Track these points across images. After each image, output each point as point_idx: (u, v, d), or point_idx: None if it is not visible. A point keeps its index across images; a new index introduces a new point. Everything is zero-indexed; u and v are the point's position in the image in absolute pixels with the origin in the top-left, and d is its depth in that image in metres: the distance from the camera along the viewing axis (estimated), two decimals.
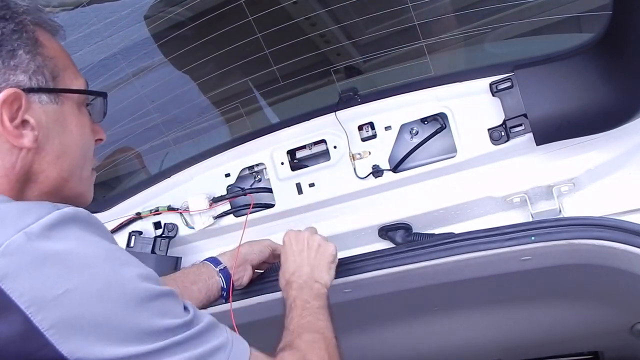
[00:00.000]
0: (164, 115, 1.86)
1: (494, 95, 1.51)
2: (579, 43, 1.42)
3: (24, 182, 0.94)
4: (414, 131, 1.66)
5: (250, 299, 1.58)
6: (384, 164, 1.64)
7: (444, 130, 1.61)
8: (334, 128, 1.67)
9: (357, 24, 1.60)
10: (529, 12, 1.50)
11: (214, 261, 1.52)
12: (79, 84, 1.01)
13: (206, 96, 1.85)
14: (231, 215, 1.81)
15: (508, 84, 1.48)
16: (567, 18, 1.51)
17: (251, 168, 1.81)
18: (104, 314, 0.79)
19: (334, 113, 1.66)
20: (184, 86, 1.82)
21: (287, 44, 1.62)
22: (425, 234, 1.66)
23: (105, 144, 1.11)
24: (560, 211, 1.51)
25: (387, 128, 1.63)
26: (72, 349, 0.77)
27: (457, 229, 1.62)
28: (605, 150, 1.46)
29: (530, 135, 1.47)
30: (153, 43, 1.76)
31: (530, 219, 1.52)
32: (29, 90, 0.92)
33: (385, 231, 1.68)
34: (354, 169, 1.65)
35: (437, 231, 1.66)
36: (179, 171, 1.87)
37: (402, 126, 1.63)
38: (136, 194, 1.92)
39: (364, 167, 1.65)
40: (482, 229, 1.45)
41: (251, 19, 1.56)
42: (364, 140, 1.66)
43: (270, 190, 1.76)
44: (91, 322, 0.78)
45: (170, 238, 1.85)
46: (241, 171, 1.80)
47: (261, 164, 1.77)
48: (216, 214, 1.81)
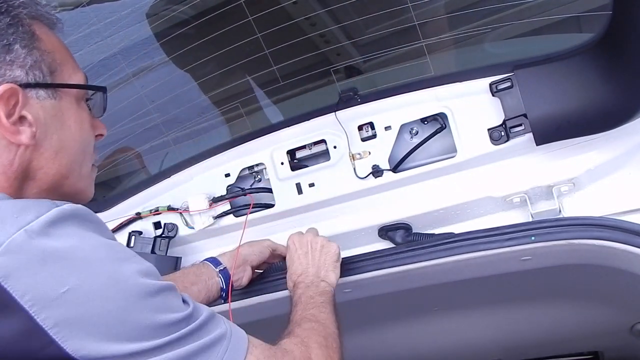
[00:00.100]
0: (164, 115, 1.85)
1: (493, 95, 1.51)
2: (579, 43, 1.42)
3: (23, 179, 0.92)
4: (414, 131, 1.66)
5: (249, 299, 1.59)
6: (384, 164, 1.64)
7: (443, 130, 1.60)
8: (334, 128, 1.67)
9: (357, 24, 1.60)
10: (529, 12, 1.50)
11: (214, 262, 1.52)
12: (77, 79, 0.99)
13: (206, 96, 1.85)
14: (231, 215, 1.81)
15: (508, 84, 1.48)
16: (567, 18, 1.51)
17: (251, 168, 1.81)
18: (106, 312, 0.79)
19: (334, 113, 1.66)
20: (184, 86, 1.82)
21: (287, 44, 1.62)
22: (425, 234, 1.66)
23: (105, 144, 1.11)
24: (560, 211, 1.51)
25: (387, 128, 1.63)
26: (77, 346, 0.77)
27: (457, 229, 1.62)
28: (605, 150, 1.46)
29: (530, 135, 1.47)
30: (153, 43, 1.76)
31: (530, 219, 1.52)
32: (25, 86, 0.90)
33: (385, 231, 1.68)
34: (354, 169, 1.65)
35: (437, 231, 1.66)
36: (179, 171, 1.87)
37: (402, 126, 1.63)
38: (136, 194, 1.91)
39: (364, 167, 1.65)
40: (482, 229, 1.45)
41: (251, 19, 1.56)
42: (363, 140, 1.66)
43: (270, 190, 1.76)
44: (94, 320, 0.78)
45: (170, 238, 1.85)
46: (241, 171, 1.80)
47: (261, 164, 1.77)
48: (216, 214, 1.81)
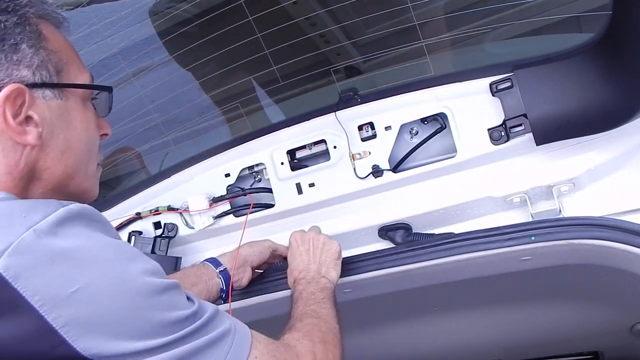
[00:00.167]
0: (164, 115, 1.85)
1: (494, 95, 1.51)
2: (579, 43, 1.42)
3: (28, 179, 0.92)
4: (414, 131, 1.66)
5: (249, 299, 1.59)
6: (384, 164, 1.64)
7: (444, 130, 1.60)
8: (334, 128, 1.67)
9: (357, 24, 1.60)
10: (529, 12, 1.50)
11: (214, 262, 1.52)
12: (83, 79, 0.99)
13: (206, 96, 1.85)
14: (231, 215, 1.81)
15: (508, 84, 1.48)
16: (567, 18, 1.51)
17: (251, 168, 1.81)
18: (115, 310, 0.79)
19: (334, 113, 1.66)
20: (184, 86, 1.82)
21: (287, 44, 1.62)
22: (425, 234, 1.66)
23: (106, 144, 1.11)
24: (560, 211, 1.51)
25: (387, 128, 1.63)
26: (87, 345, 0.77)
27: (457, 229, 1.62)
28: (605, 150, 1.46)
29: (530, 135, 1.47)
30: (153, 43, 1.76)
31: (530, 219, 1.52)
32: (32, 86, 0.90)
33: (385, 231, 1.68)
34: (354, 169, 1.65)
35: (437, 231, 1.66)
36: (179, 171, 1.86)
37: (402, 126, 1.63)
38: (136, 194, 1.92)
39: (364, 167, 1.65)
40: (482, 229, 1.45)
41: (251, 19, 1.56)
42: (363, 140, 1.66)
43: (270, 190, 1.76)
44: (104, 319, 0.79)
45: (170, 238, 1.85)
46: (241, 171, 1.80)
47: (261, 164, 1.77)
48: (216, 214, 1.81)
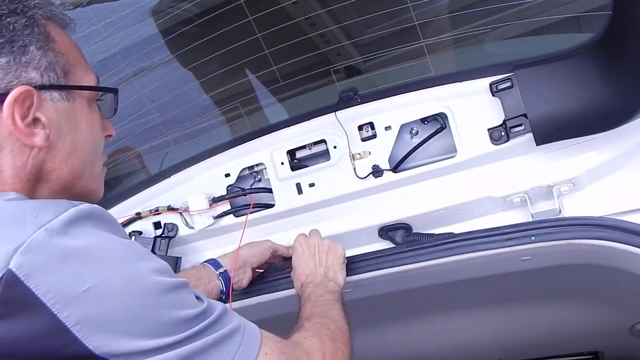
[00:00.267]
0: (164, 115, 1.85)
1: (494, 95, 1.51)
2: (579, 43, 1.42)
3: (35, 180, 0.92)
4: (414, 131, 1.66)
5: (249, 299, 1.59)
6: (384, 164, 1.64)
7: (444, 130, 1.60)
8: (334, 128, 1.67)
9: (357, 24, 1.60)
10: (529, 12, 1.50)
11: (215, 264, 1.52)
12: (89, 80, 0.99)
13: (206, 96, 1.85)
14: (231, 215, 1.80)
15: (508, 84, 1.48)
16: (567, 18, 1.51)
17: (251, 168, 1.80)
18: (126, 309, 0.80)
19: (334, 113, 1.66)
20: (184, 86, 1.82)
21: (287, 44, 1.62)
22: (425, 234, 1.66)
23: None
24: (560, 211, 1.51)
25: (387, 128, 1.63)
26: (99, 344, 0.77)
27: (457, 229, 1.62)
28: (605, 150, 1.46)
29: (530, 135, 1.47)
30: (153, 43, 1.76)
31: (530, 219, 1.52)
32: (40, 88, 0.90)
33: (385, 231, 1.68)
34: (354, 169, 1.65)
35: (437, 231, 1.66)
36: (179, 171, 1.86)
37: (402, 126, 1.63)
38: (136, 194, 1.91)
39: (364, 167, 1.65)
40: (482, 229, 1.45)
41: (251, 19, 1.56)
42: (364, 140, 1.66)
43: (270, 190, 1.76)
44: (115, 317, 0.79)
45: (170, 238, 1.85)
46: (241, 171, 1.80)
47: (261, 164, 1.77)
48: (216, 214, 1.81)
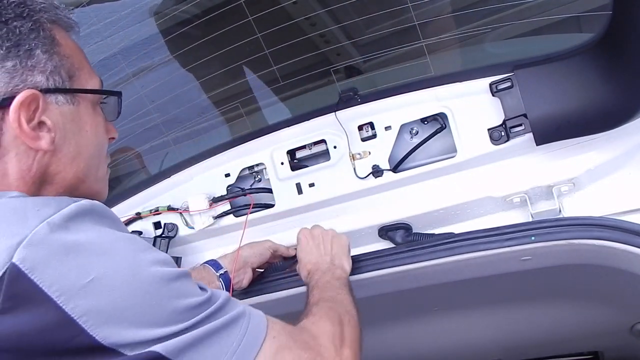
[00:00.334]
0: (164, 115, 1.85)
1: (494, 95, 1.51)
2: (579, 43, 1.41)
3: (40, 183, 0.93)
4: (414, 131, 1.66)
5: (249, 299, 1.58)
6: (384, 164, 1.64)
7: (444, 130, 1.60)
8: (334, 128, 1.67)
9: (357, 24, 1.60)
10: (529, 12, 1.50)
11: (215, 265, 1.52)
12: (93, 83, 1.00)
13: (206, 96, 1.85)
14: (231, 215, 1.80)
15: (508, 84, 1.48)
16: (567, 18, 1.51)
17: (251, 168, 1.80)
18: (130, 299, 0.80)
19: (334, 113, 1.66)
20: (184, 86, 1.82)
21: (287, 44, 1.62)
22: (425, 234, 1.66)
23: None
24: (560, 211, 1.51)
25: (387, 128, 1.63)
26: (106, 334, 0.78)
27: (457, 229, 1.62)
28: (605, 150, 1.46)
29: (530, 135, 1.47)
30: (153, 43, 1.76)
31: (530, 219, 1.52)
32: (46, 91, 0.90)
33: (385, 231, 1.68)
34: (354, 169, 1.65)
35: (437, 231, 1.66)
36: (179, 171, 1.86)
37: (402, 126, 1.63)
38: (136, 194, 1.91)
39: (364, 167, 1.65)
40: (482, 229, 1.45)
41: (251, 19, 1.56)
42: (364, 140, 1.66)
43: (270, 191, 1.76)
44: (119, 308, 0.79)
45: (170, 238, 1.85)
46: (241, 171, 1.80)
47: (261, 164, 1.77)
48: (216, 214, 1.81)
